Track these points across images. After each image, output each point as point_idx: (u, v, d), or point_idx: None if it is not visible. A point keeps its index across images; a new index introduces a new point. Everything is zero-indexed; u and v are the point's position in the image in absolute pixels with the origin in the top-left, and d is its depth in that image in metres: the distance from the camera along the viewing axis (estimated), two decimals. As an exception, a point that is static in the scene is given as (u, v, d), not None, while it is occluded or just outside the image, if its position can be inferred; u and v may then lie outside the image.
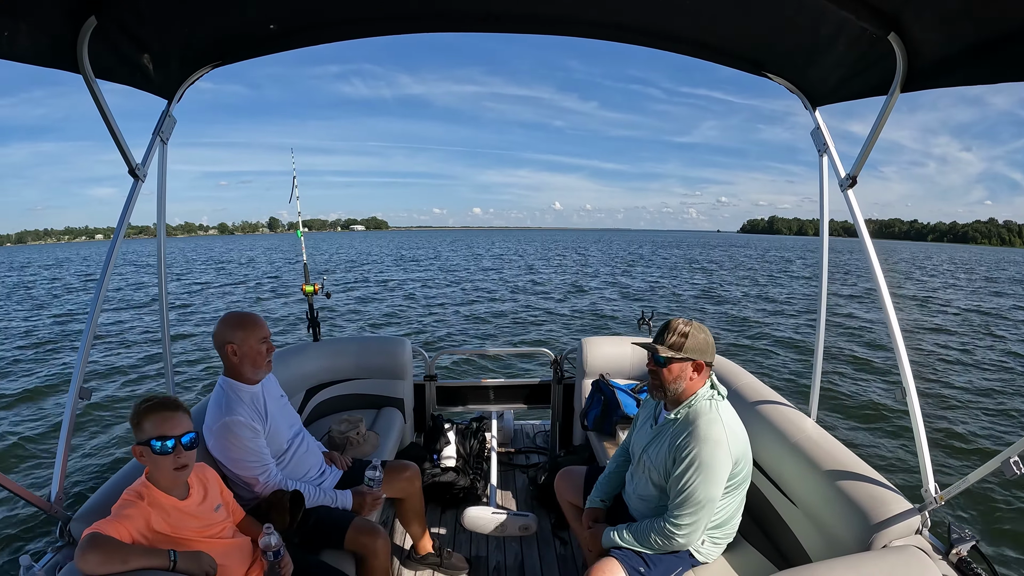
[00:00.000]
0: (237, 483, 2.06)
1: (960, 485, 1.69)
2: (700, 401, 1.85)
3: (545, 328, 13.50)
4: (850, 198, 2.06)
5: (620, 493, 2.21)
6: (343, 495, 2.22)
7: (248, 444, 2.00)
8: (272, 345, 2.18)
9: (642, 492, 2.00)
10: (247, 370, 2.10)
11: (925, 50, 1.62)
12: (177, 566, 1.45)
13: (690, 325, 1.86)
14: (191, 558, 1.49)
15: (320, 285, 3.47)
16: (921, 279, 30.11)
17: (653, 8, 1.96)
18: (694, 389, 1.87)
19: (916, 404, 1.86)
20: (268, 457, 2.07)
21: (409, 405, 3.60)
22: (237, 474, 2.02)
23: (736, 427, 1.86)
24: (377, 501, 2.27)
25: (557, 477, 2.48)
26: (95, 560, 1.33)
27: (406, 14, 2.06)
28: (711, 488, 1.75)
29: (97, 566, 1.33)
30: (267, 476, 2.04)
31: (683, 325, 1.86)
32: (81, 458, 5.69)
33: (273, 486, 2.03)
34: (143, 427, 1.53)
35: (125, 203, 1.98)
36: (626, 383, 3.31)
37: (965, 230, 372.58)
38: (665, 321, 1.93)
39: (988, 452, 5.88)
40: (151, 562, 1.41)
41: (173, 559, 1.45)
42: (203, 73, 2.14)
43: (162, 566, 1.43)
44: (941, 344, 11.83)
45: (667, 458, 1.84)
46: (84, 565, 1.32)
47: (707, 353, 1.86)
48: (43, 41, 1.56)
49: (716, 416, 1.81)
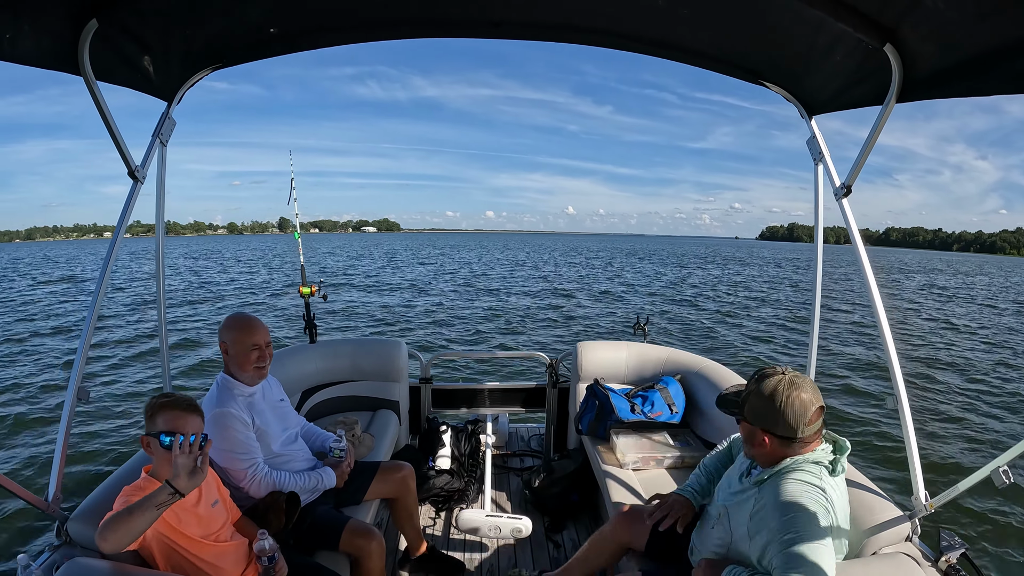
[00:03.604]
0: (230, 482, 2.08)
1: (950, 493, 1.71)
2: (786, 475, 1.52)
3: (557, 331, 13.50)
4: (844, 207, 2.08)
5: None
6: (327, 474, 2.26)
7: (238, 436, 2.02)
8: (266, 353, 2.18)
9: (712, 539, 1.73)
10: (236, 371, 2.14)
11: (921, 62, 1.64)
12: (178, 487, 1.45)
13: (769, 379, 1.53)
14: (184, 479, 1.47)
15: (317, 287, 3.48)
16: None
17: (650, 16, 1.98)
18: (775, 459, 1.56)
19: (907, 412, 1.87)
20: (258, 452, 2.08)
21: (404, 407, 3.60)
22: (225, 468, 2.03)
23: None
24: (349, 467, 2.36)
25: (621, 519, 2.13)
26: (112, 535, 1.38)
27: (406, 19, 2.07)
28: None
29: (117, 540, 1.38)
30: (255, 470, 2.04)
31: (760, 379, 1.55)
32: (79, 458, 5.67)
33: (259, 480, 2.04)
34: (155, 420, 1.58)
35: (124, 205, 1.99)
36: (621, 387, 3.32)
37: (993, 240, 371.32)
38: None
39: (978, 460, 5.92)
40: (152, 501, 1.42)
41: (172, 488, 1.45)
42: (203, 75, 2.14)
43: (164, 499, 1.44)
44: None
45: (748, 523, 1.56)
46: (104, 544, 1.39)
47: (770, 421, 1.51)
48: (44, 43, 1.56)
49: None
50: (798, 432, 1.48)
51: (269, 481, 2.06)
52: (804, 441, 1.51)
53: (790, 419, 1.48)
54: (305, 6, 1.91)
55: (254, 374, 2.15)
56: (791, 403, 1.47)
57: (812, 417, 1.49)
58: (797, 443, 1.51)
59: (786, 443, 1.51)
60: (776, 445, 1.52)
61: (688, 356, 3.46)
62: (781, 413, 1.48)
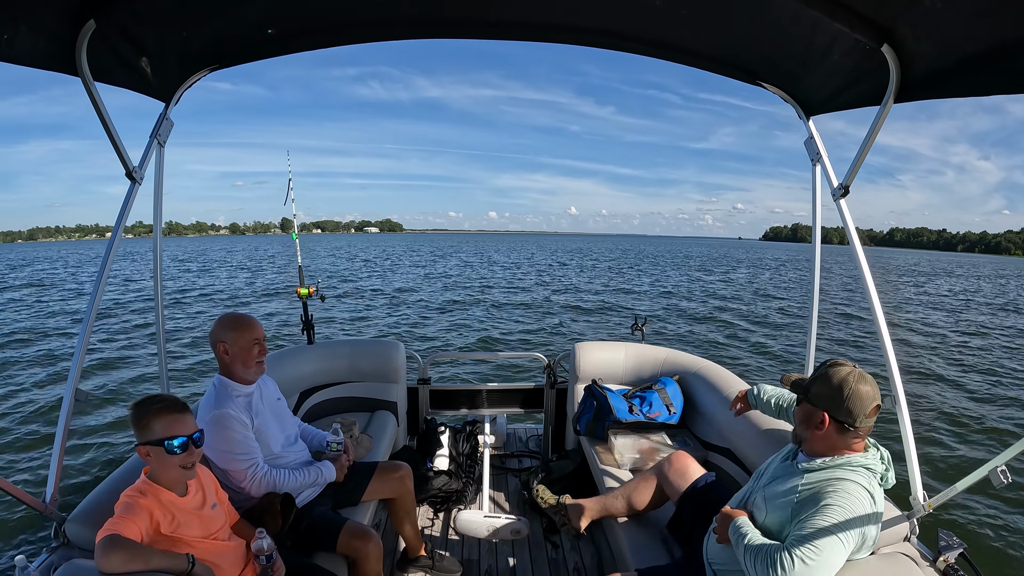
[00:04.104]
0: (229, 485, 2.07)
1: (948, 493, 1.71)
2: (839, 469, 1.59)
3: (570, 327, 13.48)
4: (842, 207, 2.08)
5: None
6: (326, 468, 2.28)
7: (237, 436, 2.01)
8: (265, 347, 2.20)
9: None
10: (238, 369, 2.12)
11: (918, 62, 1.64)
12: (193, 569, 1.47)
13: (841, 368, 1.62)
14: (206, 568, 1.52)
15: (315, 288, 3.48)
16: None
17: (648, 17, 1.97)
18: (825, 447, 1.63)
19: (905, 412, 1.88)
20: (257, 452, 2.08)
21: (402, 408, 3.60)
22: (225, 469, 2.02)
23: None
24: (348, 460, 2.39)
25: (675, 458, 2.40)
26: (119, 560, 1.34)
27: (402, 20, 2.07)
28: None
29: (121, 565, 1.34)
30: (254, 470, 2.04)
31: (831, 366, 1.64)
32: (76, 459, 5.65)
33: (259, 479, 2.04)
34: (152, 428, 1.54)
35: (122, 206, 1.99)
36: (619, 388, 3.32)
37: (998, 240, 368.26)
38: None
39: (977, 460, 5.93)
40: (171, 564, 1.43)
41: (191, 562, 1.47)
42: (201, 76, 2.14)
43: (181, 569, 1.45)
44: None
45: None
46: (107, 565, 1.34)
47: (834, 405, 1.58)
48: (42, 44, 1.56)
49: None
50: (856, 421, 1.56)
51: (269, 480, 2.06)
52: (858, 433, 1.58)
53: (853, 407, 1.56)
54: (301, 7, 1.91)
55: (256, 369, 2.17)
56: (857, 392, 1.56)
57: (871, 411, 1.57)
58: (851, 433, 1.58)
59: (842, 430, 1.58)
60: (832, 431, 1.59)
61: (686, 357, 3.46)
62: (846, 399, 1.56)
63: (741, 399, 2.45)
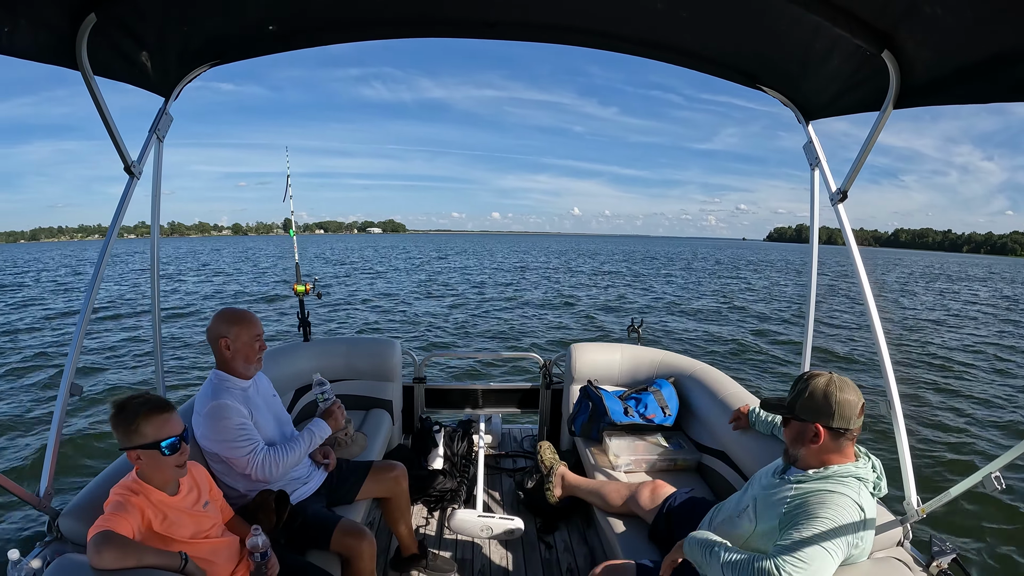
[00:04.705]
0: (225, 481, 2.07)
1: (942, 498, 1.72)
2: (828, 481, 1.59)
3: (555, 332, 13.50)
4: (840, 212, 2.09)
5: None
6: (319, 427, 2.31)
7: (235, 424, 2.01)
8: (264, 343, 2.21)
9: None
10: (239, 365, 2.13)
11: (918, 68, 1.64)
12: (187, 567, 1.47)
13: (818, 378, 1.64)
14: (198, 567, 1.53)
15: (311, 285, 3.47)
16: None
17: (648, 19, 1.98)
18: (818, 460, 1.64)
19: (900, 417, 1.88)
20: (257, 436, 2.07)
21: (398, 407, 3.59)
22: (227, 458, 2.02)
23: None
24: (341, 410, 2.47)
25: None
26: (112, 556, 1.34)
27: (401, 18, 2.08)
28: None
29: (113, 562, 1.34)
30: (255, 454, 2.02)
31: (809, 378, 1.65)
32: (70, 453, 5.63)
33: (260, 462, 2.02)
34: (143, 432, 1.50)
35: (120, 201, 1.98)
36: (614, 389, 3.32)
37: (1003, 241, 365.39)
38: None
39: (971, 466, 5.95)
40: (164, 561, 1.43)
41: (184, 560, 1.47)
42: (201, 71, 2.14)
43: (174, 566, 1.45)
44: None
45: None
46: (99, 561, 1.33)
47: (825, 415, 1.60)
48: (42, 37, 1.56)
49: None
50: (850, 424, 1.59)
51: (270, 460, 2.04)
52: (851, 435, 1.62)
53: (844, 412, 1.58)
54: (301, 4, 1.91)
55: (256, 365, 2.18)
56: (843, 398, 1.59)
57: (859, 411, 1.61)
58: (845, 437, 1.61)
59: (837, 437, 1.61)
60: (828, 439, 1.61)
61: (682, 359, 3.47)
62: (835, 406, 1.59)
63: (743, 416, 2.48)
